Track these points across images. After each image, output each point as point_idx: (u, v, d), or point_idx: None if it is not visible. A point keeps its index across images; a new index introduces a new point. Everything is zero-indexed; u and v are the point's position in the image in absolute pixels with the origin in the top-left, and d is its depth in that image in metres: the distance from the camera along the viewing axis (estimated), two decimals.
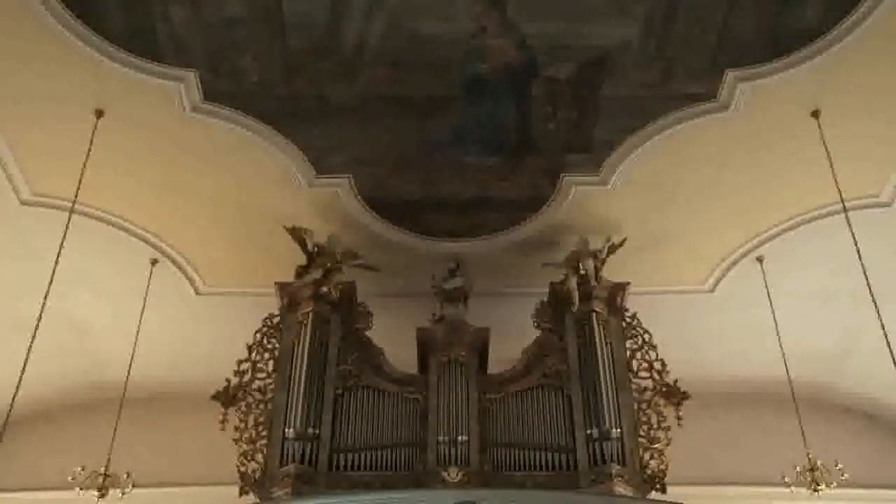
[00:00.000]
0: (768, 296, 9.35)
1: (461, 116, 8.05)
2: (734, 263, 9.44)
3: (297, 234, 8.72)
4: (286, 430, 7.53)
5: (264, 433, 7.70)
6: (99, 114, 7.54)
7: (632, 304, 8.60)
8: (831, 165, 7.57)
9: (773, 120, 7.80)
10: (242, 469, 7.53)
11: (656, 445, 7.72)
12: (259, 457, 7.58)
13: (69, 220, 7.50)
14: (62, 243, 7.41)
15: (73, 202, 7.61)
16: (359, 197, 8.78)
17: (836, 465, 8.46)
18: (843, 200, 7.62)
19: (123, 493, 8.61)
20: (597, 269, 8.61)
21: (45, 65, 7.16)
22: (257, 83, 7.62)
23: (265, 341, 8.29)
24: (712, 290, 9.75)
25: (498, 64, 7.56)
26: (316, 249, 8.71)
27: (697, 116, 7.85)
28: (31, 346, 6.92)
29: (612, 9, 7.03)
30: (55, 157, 7.93)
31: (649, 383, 8.07)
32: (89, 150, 7.53)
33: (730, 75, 7.48)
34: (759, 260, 9.30)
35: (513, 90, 7.84)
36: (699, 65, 7.49)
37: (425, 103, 7.90)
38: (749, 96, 7.57)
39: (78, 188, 7.56)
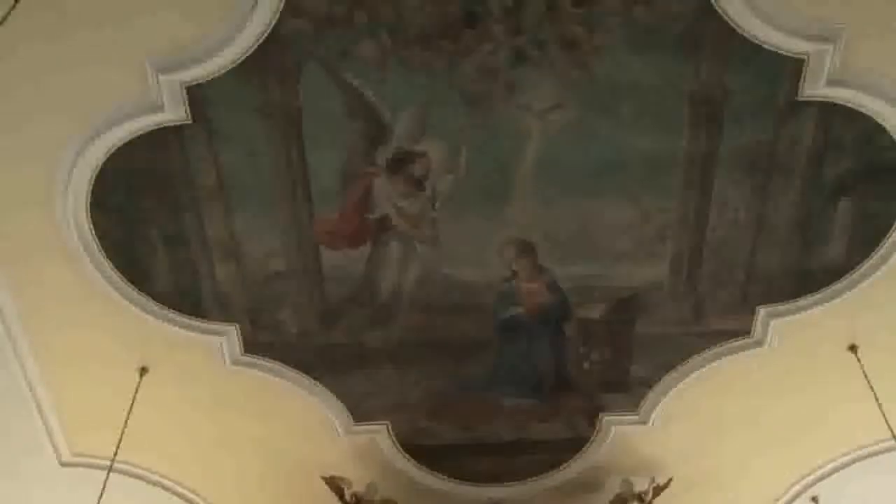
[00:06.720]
0: None
1: (496, 359, 8.07)
2: None
3: (335, 484, 8.51)
4: None
5: None
6: (143, 371, 7.67)
7: None
8: (877, 400, 7.39)
9: (810, 354, 7.74)
10: None
11: None
12: None
13: (107, 478, 7.38)
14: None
15: (112, 461, 7.54)
16: (396, 443, 8.68)
17: None
18: (895, 437, 7.36)
19: None
20: None
21: (93, 326, 7.34)
22: (295, 333, 7.74)
23: None
24: None
25: (531, 306, 7.68)
26: (354, 499, 8.50)
27: (733, 353, 7.81)
28: None
29: (639, 251, 7.20)
30: (97, 417, 7.96)
31: None
32: (131, 407, 7.58)
33: (761, 312, 7.50)
34: (815, 500, 8.88)
35: (547, 331, 7.91)
36: (730, 301, 7.52)
37: (460, 347, 7.95)
38: (783, 332, 7.54)
39: (117, 447, 7.53)
